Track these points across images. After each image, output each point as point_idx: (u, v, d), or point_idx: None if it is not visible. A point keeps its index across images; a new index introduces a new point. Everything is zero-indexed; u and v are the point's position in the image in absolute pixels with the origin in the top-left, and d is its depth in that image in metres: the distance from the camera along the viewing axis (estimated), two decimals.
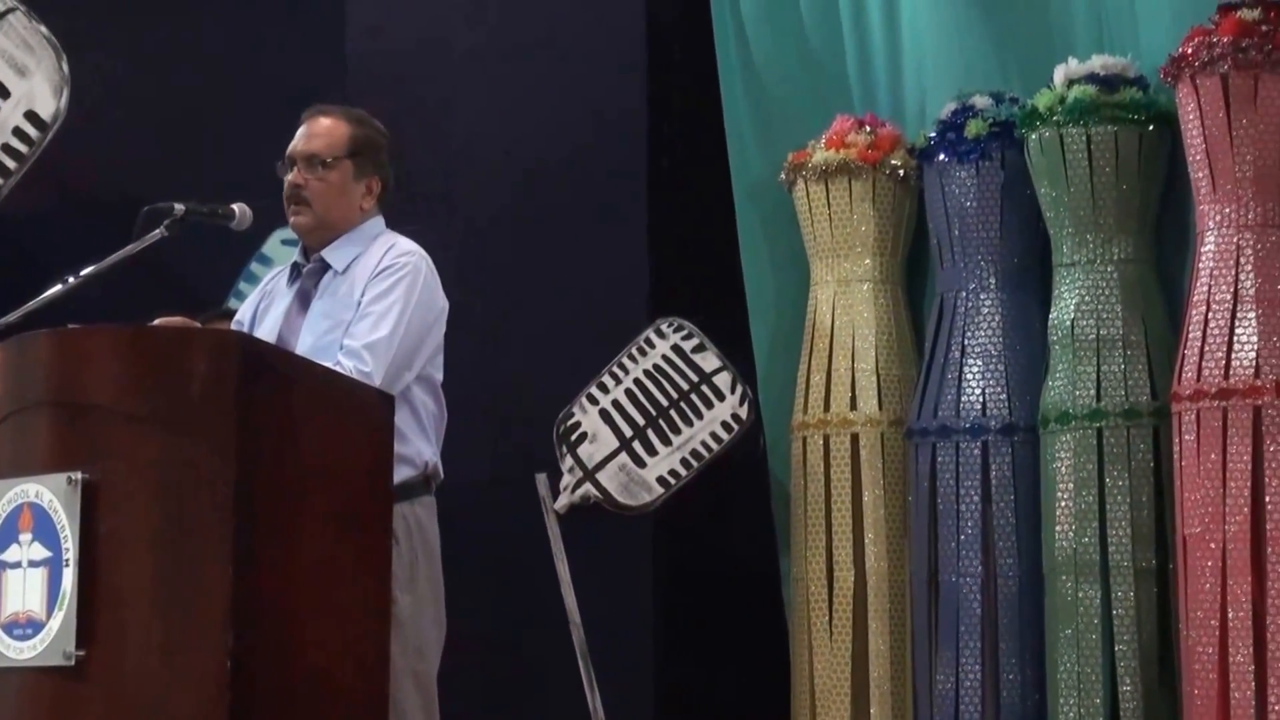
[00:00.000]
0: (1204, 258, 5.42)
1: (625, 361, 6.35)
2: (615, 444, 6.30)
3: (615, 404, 6.33)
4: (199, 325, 4.34)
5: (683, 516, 6.43)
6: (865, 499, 6.25)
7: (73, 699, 3.58)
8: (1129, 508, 5.64)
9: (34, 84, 6.54)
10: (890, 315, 6.35)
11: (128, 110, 7.35)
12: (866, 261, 6.35)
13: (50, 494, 3.62)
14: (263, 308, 4.54)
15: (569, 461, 6.29)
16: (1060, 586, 5.71)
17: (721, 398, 6.31)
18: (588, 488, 6.27)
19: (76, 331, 3.79)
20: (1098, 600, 5.63)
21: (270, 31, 7.49)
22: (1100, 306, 5.74)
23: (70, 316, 3.94)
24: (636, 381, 6.32)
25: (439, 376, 4.48)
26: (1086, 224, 5.78)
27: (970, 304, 6.08)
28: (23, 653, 3.64)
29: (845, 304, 6.34)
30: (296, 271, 4.51)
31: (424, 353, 4.39)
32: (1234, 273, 5.35)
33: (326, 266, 4.44)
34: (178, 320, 4.16)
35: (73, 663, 3.56)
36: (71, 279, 4.23)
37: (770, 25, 6.79)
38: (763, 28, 6.80)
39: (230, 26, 7.50)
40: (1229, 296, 5.34)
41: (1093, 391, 5.71)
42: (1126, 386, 5.70)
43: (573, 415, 6.32)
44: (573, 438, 6.30)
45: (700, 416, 6.30)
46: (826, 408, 6.32)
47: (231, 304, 6.56)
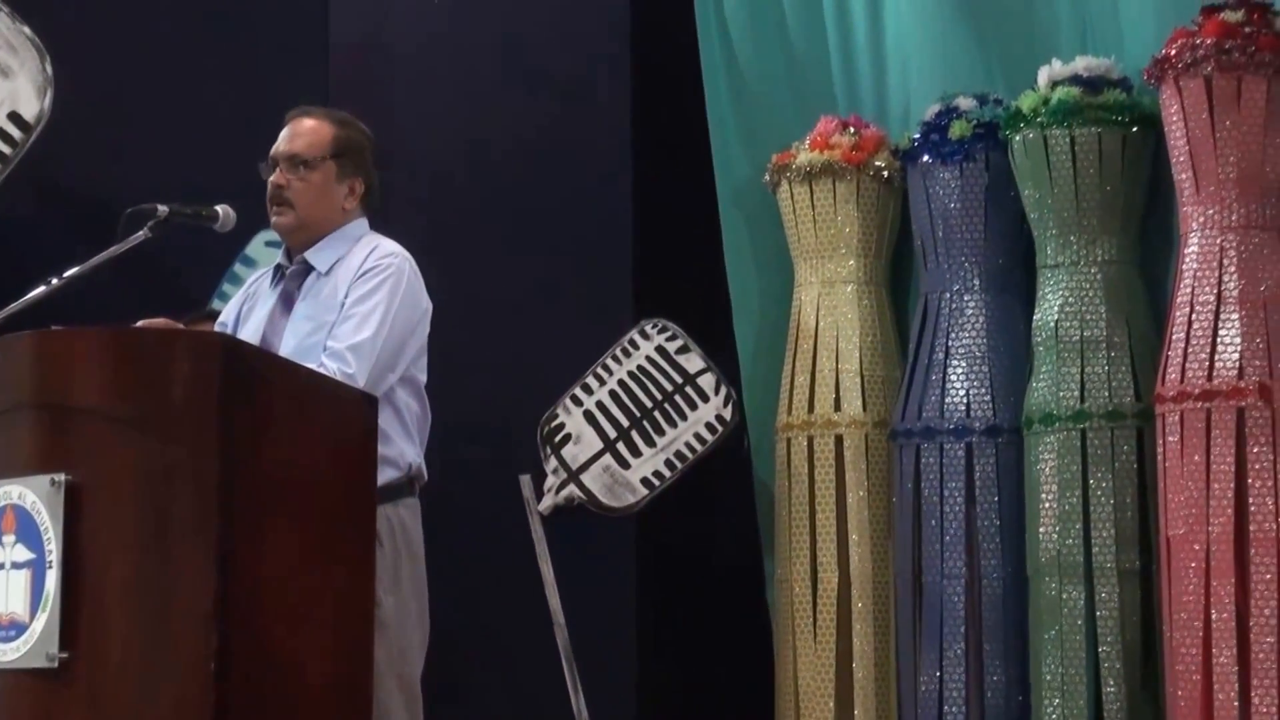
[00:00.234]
0: (1187, 259, 5.42)
1: (609, 363, 6.35)
2: (599, 445, 6.30)
3: (599, 405, 6.33)
4: (182, 327, 4.34)
5: (667, 518, 6.42)
6: (849, 500, 6.24)
7: (56, 701, 3.58)
8: (1113, 509, 5.64)
9: (17, 85, 6.53)
10: (874, 316, 6.35)
11: (111, 111, 7.33)
12: (851, 263, 6.34)
13: (33, 496, 3.61)
14: (246, 309, 4.53)
15: (553, 463, 6.29)
16: (1044, 588, 5.71)
17: (706, 399, 6.31)
18: (572, 489, 6.27)
19: (60, 333, 3.78)
20: (1081, 601, 5.63)
21: (254, 33, 7.47)
22: (1084, 308, 5.75)
23: (54, 318, 3.93)
24: (621, 383, 6.33)
25: (423, 378, 4.48)
26: (1070, 225, 5.78)
27: (954, 305, 6.08)
28: (6, 655, 3.63)
29: (829, 305, 6.34)
30: (280, 273, 4.50)
31: (407, 354, 4.38)
32: (1217, 274, 5.34)
33: (309, 268, 4.43)
34: (161, 322, 4.16)
35: (56, 665, 3.55)
36: (55, 280, 4.21)
37: (754, 26, 6.79)
38: (747, 29, 6.79)
39: (214, 28, 7.48)
40: (1212, 298, 5.34)
41: (1076, 393, 5.71)
42: (1110, 388, 5.70)
43: (557, 416, 6.32)
44: (557, 439, 6.30)
45: (684, 418, 6.30)
46: (811, 409, 6.31)
47: (215, 305, 6.55)
